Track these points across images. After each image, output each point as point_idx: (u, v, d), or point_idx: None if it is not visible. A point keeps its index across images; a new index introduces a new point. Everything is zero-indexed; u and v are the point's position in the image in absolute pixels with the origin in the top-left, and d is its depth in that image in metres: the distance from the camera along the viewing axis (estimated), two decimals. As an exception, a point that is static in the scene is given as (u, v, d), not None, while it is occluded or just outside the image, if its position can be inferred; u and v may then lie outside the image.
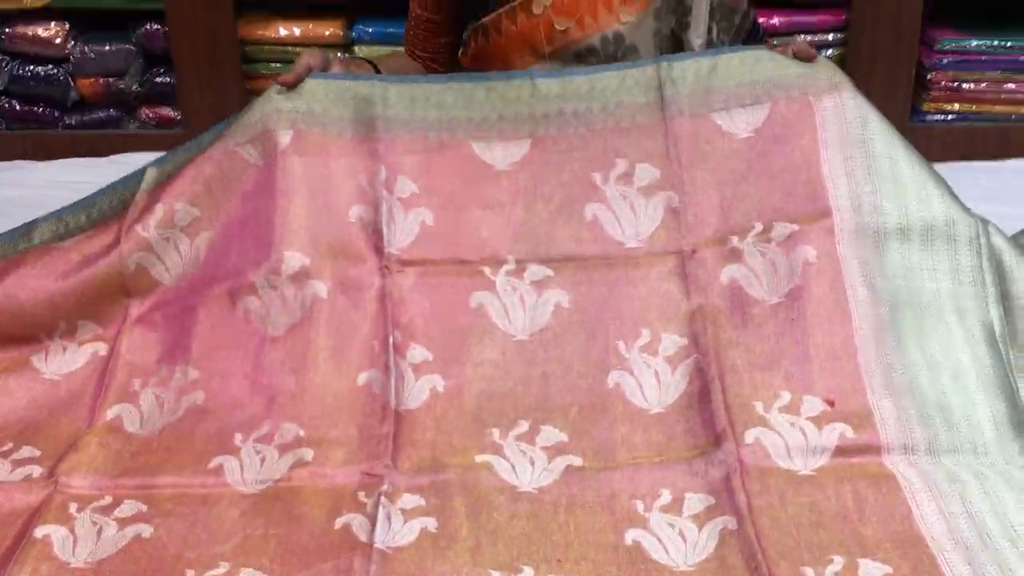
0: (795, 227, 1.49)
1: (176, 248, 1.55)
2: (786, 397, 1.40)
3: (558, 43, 1.79)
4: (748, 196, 1.54)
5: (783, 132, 1.57)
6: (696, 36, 1.86)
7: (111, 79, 2.45)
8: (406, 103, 1.59)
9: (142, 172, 1.57)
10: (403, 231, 1.54)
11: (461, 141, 1.59)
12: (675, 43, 1.87)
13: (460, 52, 1.89)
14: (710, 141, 1.58)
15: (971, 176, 2.16)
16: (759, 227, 1.51)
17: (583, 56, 1.80)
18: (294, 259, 1.48)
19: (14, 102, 2.49)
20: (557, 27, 1.79)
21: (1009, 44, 2.35)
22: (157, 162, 1.57)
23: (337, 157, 1.54)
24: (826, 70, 1.58)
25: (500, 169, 1.59)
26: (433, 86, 1.60)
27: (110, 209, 1.59)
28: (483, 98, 1.61)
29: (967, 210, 1.53)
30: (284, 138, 1.52)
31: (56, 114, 2.50)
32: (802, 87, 1.58)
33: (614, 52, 1.81)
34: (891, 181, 1.53)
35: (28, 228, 1.57)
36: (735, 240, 1.51)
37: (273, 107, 1.52)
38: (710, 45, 1.88)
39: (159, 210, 1.54)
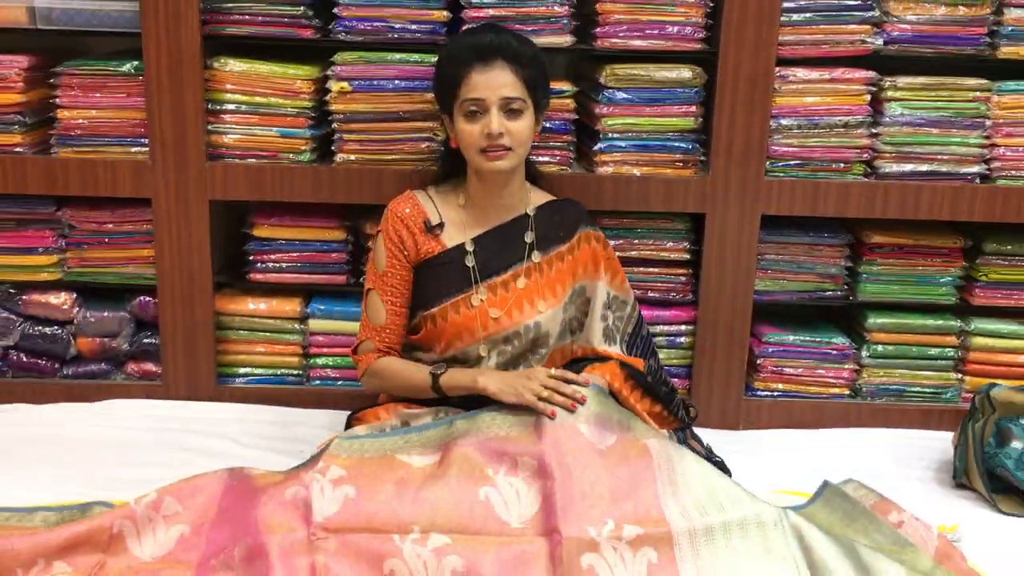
0: (640, 530, 1.74)
1: (153, 532, 1.80)
2: None
3: (491, 329, 2.10)
4: (603, 497, 1.77)
5: (626, 458, 1.83)
6: (594, 323, 2.22)
7: (106, 339, 2.60)
8: (355, 447, 1.87)
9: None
10: (330, 502, 1.76)
11: (390, 456, 1.87)
12: (580, 326, 2.23)
13: (409, 331, 2.20)
14: (576, 443, 1.84)
15: (793, 440, 2.55)
16: (611, 525, 1.74)
17: (509, 339, 2.12)
18: (245, 544, 1.73)
19: (21, 355, 2.62)
20: (491, 315, 2.10)
21: (818, 339, 2.61)
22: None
23: (286, 480, 1.85)
24: (654, 434, 1.92)
25: (416, 467, 1.85)
26: (378, 439, 1.90)
27: (103, 505, 1.90)
28: (416, 437, 1.91)
29: (767, 502, 1.83)
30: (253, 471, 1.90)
31: (55, 366, 2.62)
32: (639, 434, 1.92)
33: (533, 336, 2.14)
34: (707, 493, 1.81)
35: (31, 511, 1.87)
36: (592, 532, 1.73)
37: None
38: (607, 331, 2.22)
39: (152, 493, 1.84)
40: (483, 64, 2.04)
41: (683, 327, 2.63)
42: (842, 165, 2.52)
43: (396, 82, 2.45)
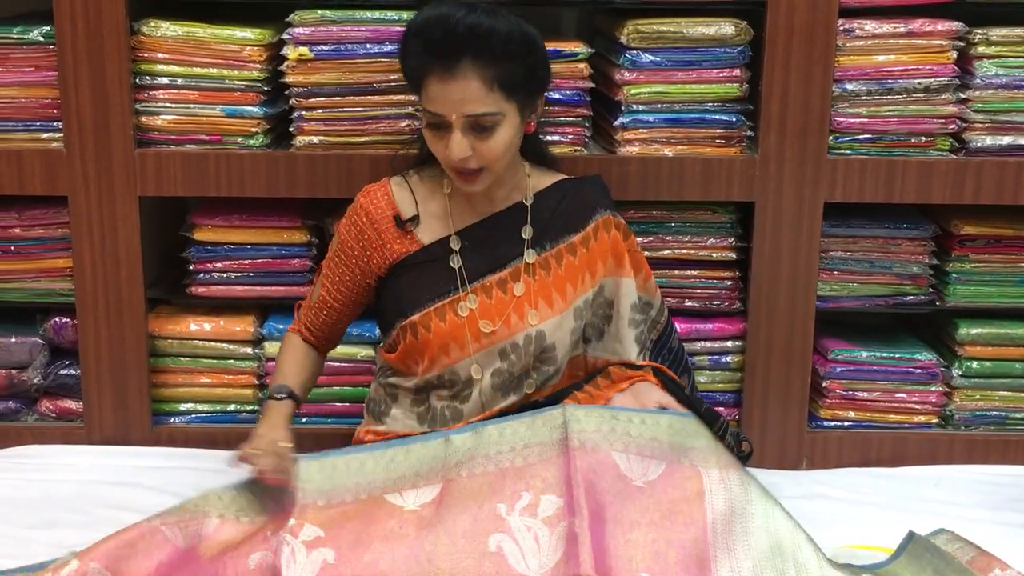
0: None
1: None
2: None
3: (484, 342, 2.01)
4: (640, 542, 1.72)
5: (674, 496, 1.79)
6: (622, 330, 2.11)
7: (13, 371, 2.53)
8: (327, 473, 1.83)
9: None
10: (303, 571, 1.72)
11: (376, 497, 1.81)
12: (599, 334, 2.12)
13: (384, 349, 2.11)
14: (608, 476, 1.78)
15: (869, 482, 2.43)
16: None
17: (505, 352, 2.02)
18: None
19: (-95, 392, 2.56)
20: (483, 329, 2.01)
21: (897, 356, 2.53)
22: None
23: (250, 529, 1.81)
24: (716, 452, 1.87)
25: (408, 509, 1.79)
26: (354, 456, 1.85)
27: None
28: (402, 459, 1.84)
29: (835, 561, 1.77)
30: (210, 526, 1.80)
31: (-52, 406, 2.55)
32: (696, 459, 1.84)
33: (535, 349, 2.03)
34: (768, 551, 1.76)
35: None
36: None
37: (209, 502, 1.83)
38: (640, 339, 2.11)
39: (73, 563, 1.74)
40: (442, 70, 1.89)
41: (729, 343, 2.55)
42: (923, 139, 2.43)
43: (368, 46, 2.37)
